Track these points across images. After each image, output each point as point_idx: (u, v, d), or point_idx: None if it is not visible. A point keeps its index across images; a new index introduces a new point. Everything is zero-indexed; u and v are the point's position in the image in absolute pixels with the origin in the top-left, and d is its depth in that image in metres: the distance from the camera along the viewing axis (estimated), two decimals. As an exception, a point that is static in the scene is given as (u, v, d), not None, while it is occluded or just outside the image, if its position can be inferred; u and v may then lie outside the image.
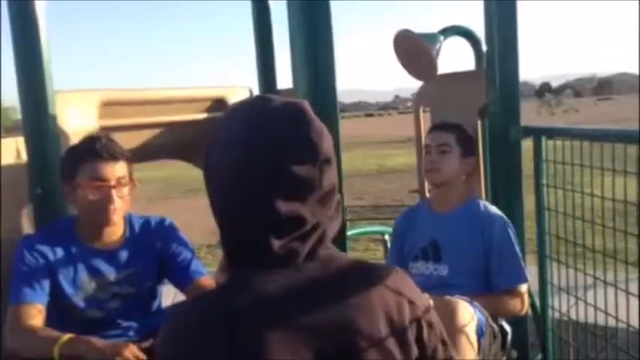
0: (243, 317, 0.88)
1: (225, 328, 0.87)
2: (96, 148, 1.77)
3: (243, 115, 0.95)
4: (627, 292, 1.80)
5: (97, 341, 1.59)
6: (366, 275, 0.95)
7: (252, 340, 0.86)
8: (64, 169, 1.82)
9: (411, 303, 0.95)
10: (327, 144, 0.94)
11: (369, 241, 6.66)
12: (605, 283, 1.90)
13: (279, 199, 0.89)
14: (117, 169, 1.79)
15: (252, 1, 2.82)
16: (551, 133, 2.15)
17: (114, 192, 1.77)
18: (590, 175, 1.94)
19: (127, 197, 1.84)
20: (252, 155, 0.90)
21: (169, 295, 2.14)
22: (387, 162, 16.85)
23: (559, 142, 2.08)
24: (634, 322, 1.85)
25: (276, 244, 0.90)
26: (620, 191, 1.80)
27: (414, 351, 0.93)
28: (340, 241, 1.44)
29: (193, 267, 1.93)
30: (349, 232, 3.42)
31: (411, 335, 0.93)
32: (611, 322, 1.92)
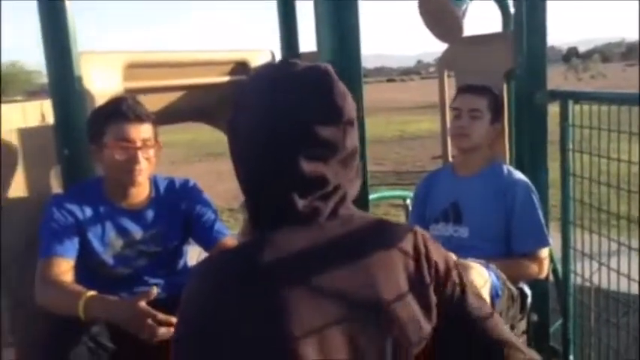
0: (266, 275, 0.89)
1: (248, 287, 0.88)
2: (122, 110, 1.79)
3: (268, 78, 0.97)
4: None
5: (115, 301, 1.60)
6: (387, 233, 0.97)
7: (276, 298, 0.87)
8: (91, 129, 1.85)
9: (430, 261, 0.96)
10: (350, 106, 0.96)
11: (389, 206, 6.68)
12: (629, 248, 1.89)
13: (303, 159, 0.91)
14: (143, 131, 1.81)
15: (275, -38, 2.78)
16: (579, 97, 2.11)
17: (140, 153, 1.80)
18: (617, 140, 1.90)
19: (153, 159, 1.86)
20: (277, 117, 0.92)
21: (194, 256, 2.18)
22: (408, 128, 16.74)
23: (585, 108, 2.05)
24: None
25: (300, 202, 0.92)
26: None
27: (434, 311, 0.95)
28: (363, 204, 1.46)
29: (217, 228, 1.96)
30: (371, 197, 3.42)
31: (432, 295, 0.95)
32: (635, 288, 1.91)
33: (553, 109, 2.24)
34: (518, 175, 2.19)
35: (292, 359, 0.84)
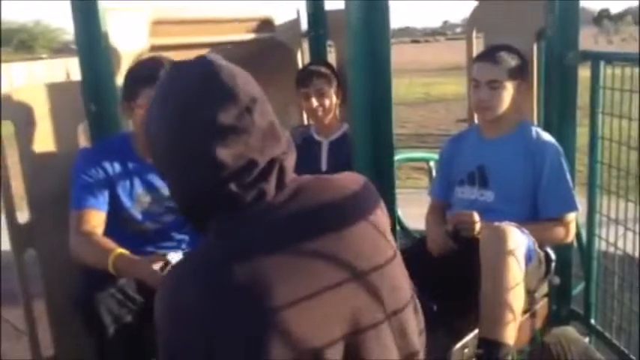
0: (237, 259, 0.88)
1: (219, 273, 0.88)
2: (160, 75, 1.78)
3: (161, 86, 0.97)
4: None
5: (142, 261, 1.62)
6: (338, 192, 0.99)
7: (251, 279, 0.87)
8: (125, 88, 1.85)
9: (381, 209, 1.03)
10: (243, 84, 0.93)
11: (411, 169, 6.64)
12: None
13: (221, 149, 0.90)
14: None
15: None
16: (610, 57, 2.06)
17: None
18: None
19: None
20: (181, 116, 0.92)
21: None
22: (433, 90, 16.51)
23: (616, 71, 2.00)
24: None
25: (242, 190, 0.91)
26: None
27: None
28: (388, 167, 1.46)
29: None
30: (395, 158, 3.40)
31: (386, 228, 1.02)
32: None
33: (581, 73, 2.19)
34: (547, 137, 2.14)
35: (281, 332, 0.85)
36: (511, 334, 1.83)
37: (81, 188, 1.79)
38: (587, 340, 2.32)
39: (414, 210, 2.86)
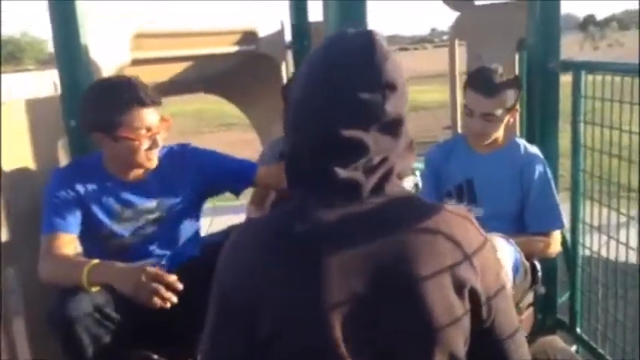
0: (300, 246, 0.89)
1: (283, 248, 0.90)
2: (139, 97, 1.75)
3: (320, 47, 0.97)
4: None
5: (119, 266, 1.62)
6: (427, 214, 0.93)
7: (309, 269, 0.88)
8: (100, 120, 1.77)
9: (468, 251, 0.92)
10: (391, 70, 0.92)
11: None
12: (639, 222, 1.87)
13: (340, 124, 0.90)
14: (157, 114, 1.81)
15: None
16: (592, 67, 2.07)
17: (158, 137, 1.81)
18: (630, 112, 1.87)
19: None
20: (316, 82, 0.93)
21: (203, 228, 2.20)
22: (420, 97, 16.57)
23: (597, 78, 2.01)
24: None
25: (340, 173, 0.90)
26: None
27: (468, 301, 0.91)
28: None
29: (243, 163, 2.04)
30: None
31: (468, 285, 0.90)
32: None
33: (564, 79, 2.20)
34: (535, 151, 2.13)
35: (323, 328, 0.86)
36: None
37: (50, 211, 1.77)
38: (574, 349, 2.32)
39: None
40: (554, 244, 2.11)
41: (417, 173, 3.28)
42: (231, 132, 11.33)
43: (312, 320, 0.87)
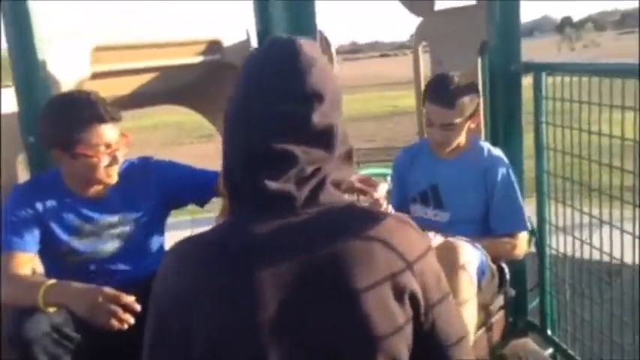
0: (234, 258, 0.88)
1: (216, 264, 0.88)
2: (99, 113, 1.72)
3: (249, 57, 0.97)
4: (622, 231, 1.78)
5: (75, 287, 1.59)
6: (364, 222, 0.91)
7: (243, 284, 0.86)
8: (58, 137, 1.74)
9: (408, 257, 0.90)
10: (316, 79, 0.90)
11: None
12: (600, 221, 1.88)
13: (267, 136, 0.89)
14: (116, 129, 1.78)
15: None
16: (552, 68, 2.09)
17: (118, 153, 1.78)
18: (599, 112, 1.87)
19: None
20: (243, 93, 0.92)
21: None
22: (401, 103, 16.65)
23: (566, 80, 2.01)
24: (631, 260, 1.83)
25: (271, 185, 0.88)
26: (629, 128, 1.71)
27: (409, 308, 0.89)
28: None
29: (203, 174, 2.00)
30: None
31: (407, 291, 0.89)
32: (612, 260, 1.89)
33: (528, 81, 2.21)
34: (498, 153, 2.15)
35: (258, 342, 0.84)
36: (463, 349, 1.82)
37: (8, 230, 1.74)
38: (550, 350, 2.32)
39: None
40: (521, 245, 2.12)
41: (388, 179, 3.29)
42: (211, 143, 11.28)
43: (247, 335, 0.85)
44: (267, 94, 0.90)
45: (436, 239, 1.93)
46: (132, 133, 1.93)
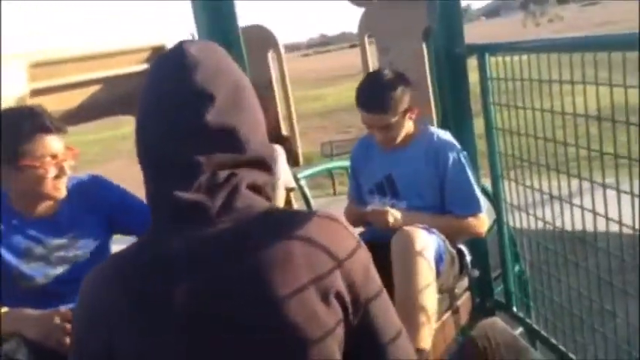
0: (149, 274, 0.86)
1: (131, 282, 0.86)
2: (43, 123, 1.68)
3: (152, 64, 0.96)
4: (571, 204, 1.79)
5: (29, 313, 1.57)
6: (284, 225, 0.89)
7: (157, 298, 0.84)
8: (2, 151, 1.69)
9: (332, 255, 0.88)
10: (204, 79, 0.87)
11: (344, 175, 6.65)
12: (551, 197, 1.89)
13: (169, 144, 0.87)
14: (61, 141, 1.74)
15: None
16: (494, 49, 2.09)
17: (65, 164, 1.75)
18: (548, 87, 1.84)
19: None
20: (144, 102, 0.90)
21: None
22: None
23: (515, 59, 2.00)
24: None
25: (182, 196, 0.85)
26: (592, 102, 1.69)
27: (337, 307, 0.87)
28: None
29: (141, 208, 1.92)
30: (303, 174, 3.39)
31: (333, 290, 0.86)
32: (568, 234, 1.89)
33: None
34: (447, 137, 2.14)
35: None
36: (426, 338, 1.82)
37: None
38: (520, 329, 2.33)
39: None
40: (480, 223, 2.12)
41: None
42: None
43: (164, 352, 0.83)
44: (161, 101, 0.88)
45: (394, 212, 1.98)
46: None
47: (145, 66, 2.59)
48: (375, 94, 2.03)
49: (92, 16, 2.51)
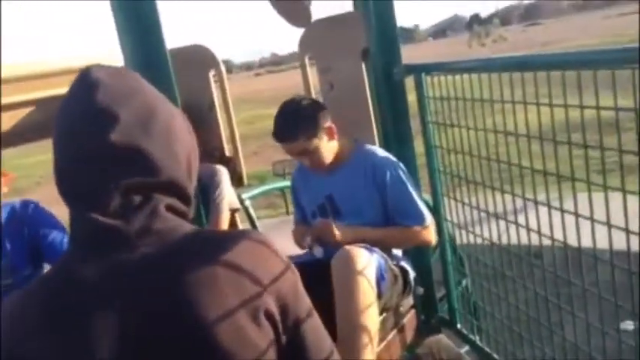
0: (62, 307, 0.81)
1: (43, 315, 0.81)
2: None
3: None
4: (506, 221, 1.83)
5: None
6: (210, 247, 0.87)
7: (72, 332, 0.80)
8: None
9: (257, 280, 0.86)
10: (103, 98, 0.85)
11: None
12: (488, 214, 1.92)
13: (78, 167, 0.85)
14: None
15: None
16: (430, 69, 2.12)
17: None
18: (491, 107, 1.87)
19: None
20: (57, 127, 0.88)
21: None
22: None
23: (457, 78, 2.02)
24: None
25: (97, 220, 0.82)
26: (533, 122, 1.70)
27: (268, 327, 0.85)
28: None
29: (66, 246, 1.85)
30: (248, 194, 3.37)
31: (262, 309, 0.84)
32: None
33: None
34: (383, 153, 2.17)
35: None
36: (368, 357, 1.81)
37: None
38: (466, 347, 2.34)
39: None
40: (427, 231, 2.14)
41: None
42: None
43: None
44: (67, 124, 0.86)
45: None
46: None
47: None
48: (283, 123, 2.06)
49: (26, 34, 2.44)
